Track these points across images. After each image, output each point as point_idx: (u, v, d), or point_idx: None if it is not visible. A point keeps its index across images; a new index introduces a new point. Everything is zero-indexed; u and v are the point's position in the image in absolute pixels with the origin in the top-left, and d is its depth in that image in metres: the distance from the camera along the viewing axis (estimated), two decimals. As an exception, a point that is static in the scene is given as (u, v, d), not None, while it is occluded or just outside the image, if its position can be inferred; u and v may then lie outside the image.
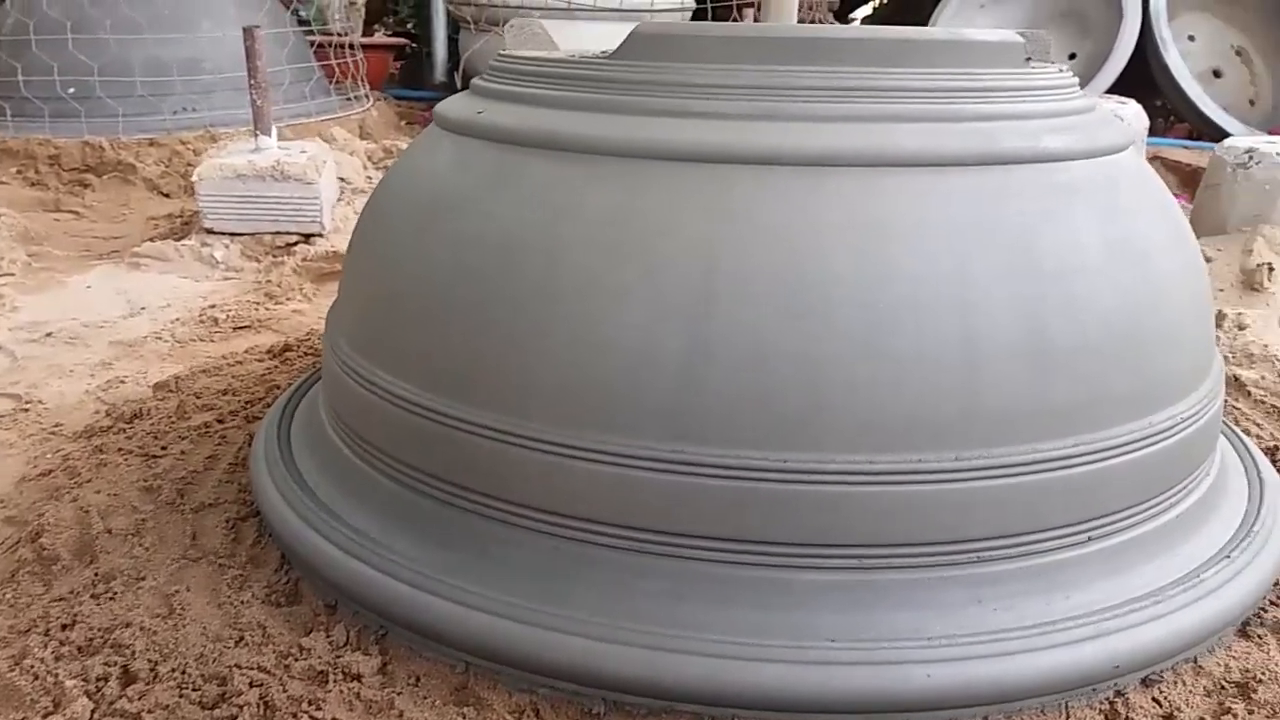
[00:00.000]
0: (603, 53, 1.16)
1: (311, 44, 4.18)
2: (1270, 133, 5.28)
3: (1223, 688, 1.04)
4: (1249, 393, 1.87)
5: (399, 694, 1.00)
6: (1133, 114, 2.99)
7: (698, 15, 4.54)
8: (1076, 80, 1.23)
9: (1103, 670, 0.99)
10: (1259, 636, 1.12)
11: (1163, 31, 5.23)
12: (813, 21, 4.27)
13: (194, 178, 2.58)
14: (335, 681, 1.01)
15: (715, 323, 0.97)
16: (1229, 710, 1.01)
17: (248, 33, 2.55)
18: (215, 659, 1.04)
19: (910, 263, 0.99)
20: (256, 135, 2.67)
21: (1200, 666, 1.07)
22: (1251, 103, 5.60)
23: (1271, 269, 2.16)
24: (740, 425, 0.97)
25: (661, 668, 0.95)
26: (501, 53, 1.29)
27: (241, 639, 1.07)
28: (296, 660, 1.04)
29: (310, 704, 0.98)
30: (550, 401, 1.02)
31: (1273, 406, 1.83)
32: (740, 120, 1.04)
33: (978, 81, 1.09)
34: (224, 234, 2.63)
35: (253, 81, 2.57)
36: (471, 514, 1.08)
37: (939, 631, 0.98)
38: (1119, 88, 5.29)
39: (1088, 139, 1.12)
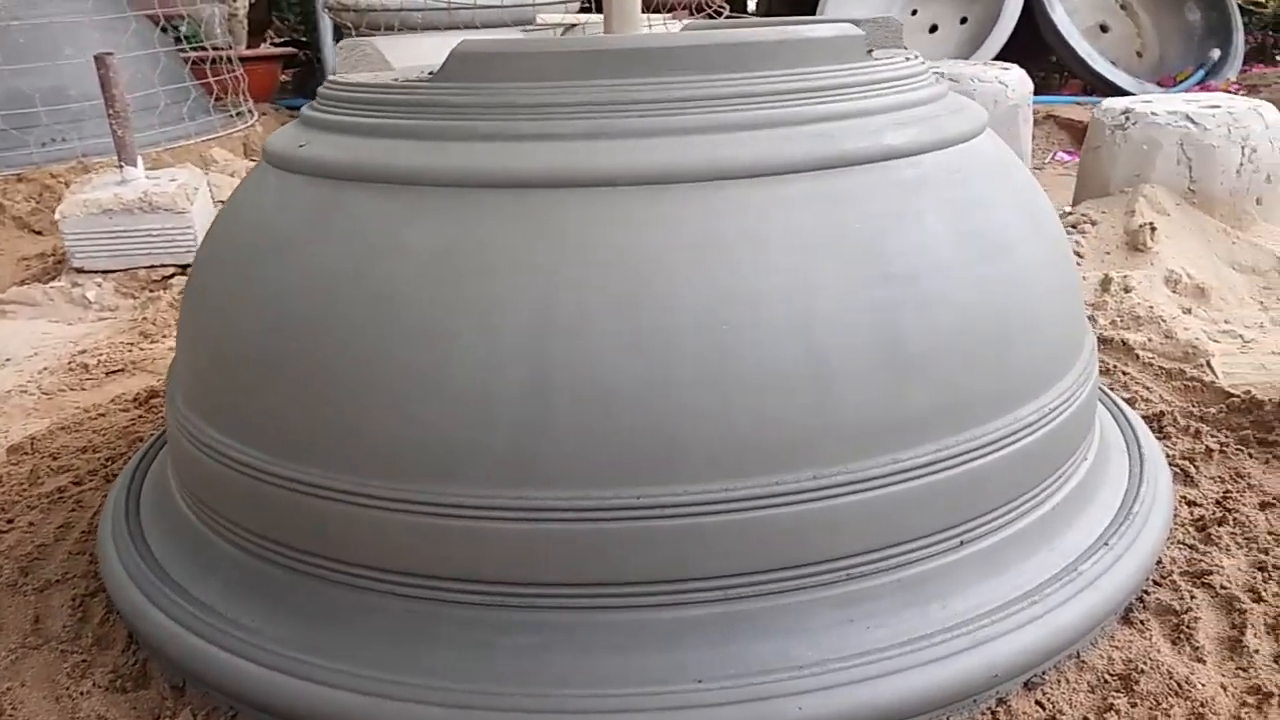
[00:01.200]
0: (429, 73, 1.09)
1: (190, 61, 4.01)
2: (1159, 83, 5.39)
3: (1105, 681, 1.03)
4: (1137, 356, 1.88)
5: (253, 781, 0.94)
6: (1016, 79, 3.00)
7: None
8: (926, 66, 1.20)
9: (982, 681, 0.96)
10: (1141, 622, 1.11)
11: (1048, -11, 5.28)
12: (708, 16, 4.22)
13: (57, 216, 2.45)
14: (182, 775, 0.94)
15: (552, 360, 0.92)
16: (1112, 706, 0.99)
17: (100, 61, 2.42)
18: (52, 763, 0.97)
19: (751, 280, 0.95)
20: (121, 167, 2.54)
21: (1083, 661, 1.05)
22: (1139, 54, 5.70)
23: (1154, 228, 2.18)
24: (587, 464, 0.92)
25: (524, 728, 0.90)
26: (330, 78, 1.21)
27: (82, 734, 1.00)
28: (141, 755, 0.97)
29: (154, 804, 0.91)
30: (386, 456, 0.96)
31: (1161, 369, 1.84)
32: (570, 140, 0.99)
33: (816, 81, 1.05)
34: (95, 272, 2.50)
35: (111, 111, 2.45)
36: (320, 580, 1.01)
37: (811, 658, 0.95)
38: (1012, 49, 5.35)
39: (935, 130, 1.09)
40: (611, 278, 0.94)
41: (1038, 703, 1.00)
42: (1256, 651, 1.07)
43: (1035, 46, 5.41)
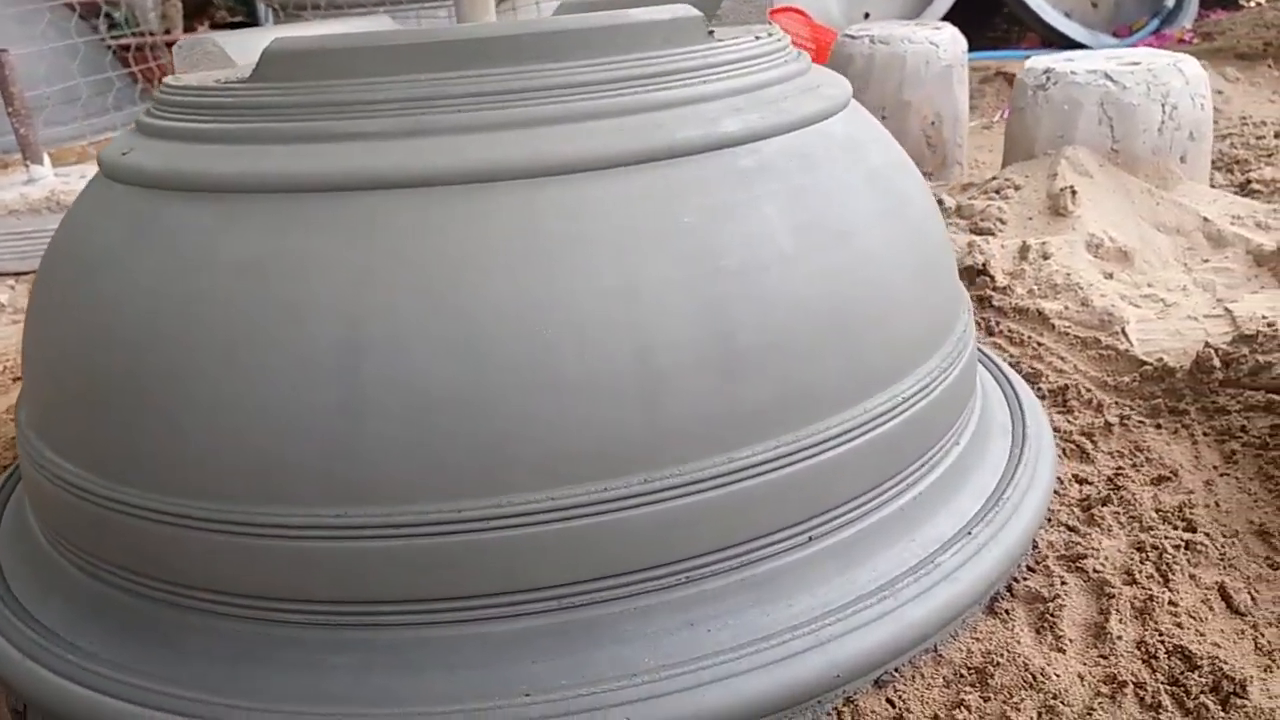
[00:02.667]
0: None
1: (113, 50, 3.92)
2: (1115, 33, 5.34)
3: (961, 675, 1.01)
4: (1053, 326, 1.86)
5: (79, 814, 0.92)
6: (948, 38, 2.96)
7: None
8: (780, 43, 1.16)
9: (824, 682, 0.94)
10: (1006, 611, 1.09)
11: (1000, -60, 5.20)
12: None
13: (-39, 218, 2.40)
14: (6, 810, 0.92)
15: (364, 373, 0.89)
16: (963, 702, 0.97)
17: (-6, 56, 2.36)
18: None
19: (574, 280, 0.91)
20: (27, 165, 2.48)
21: (941, 655, 1.03)
22: (1094, 4, 5.63)
23: (1074, 192, 2.15)
24: (405, 479, 0.90)
25: (352, 751, 0.88)
26: (165, 80, 1.17)
27: (-86, 770, 0.97)
28: (-32, 790, 0.94)
29: (-26, 842, 0.89)
30: (204, 477, 0.93)
31: (1076, 338, 1.82)
32: (385, 139, 0.95)
33: (646, 67, 1.01)
34: (6, 274, 2.45)
35: (10, 109, 2.39)
36: (151, 601, 0.99)
37: (647, 665, 0.92)
38: (968, 3, 5.29)
39: (779, 113, 1.05)
40: (426, 283, 0.90)
41: (888, 700, 0.98)
42: (1119, 638, 1.05)
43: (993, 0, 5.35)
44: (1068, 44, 5.11)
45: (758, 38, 1.14)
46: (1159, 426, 1.54)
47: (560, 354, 0.90)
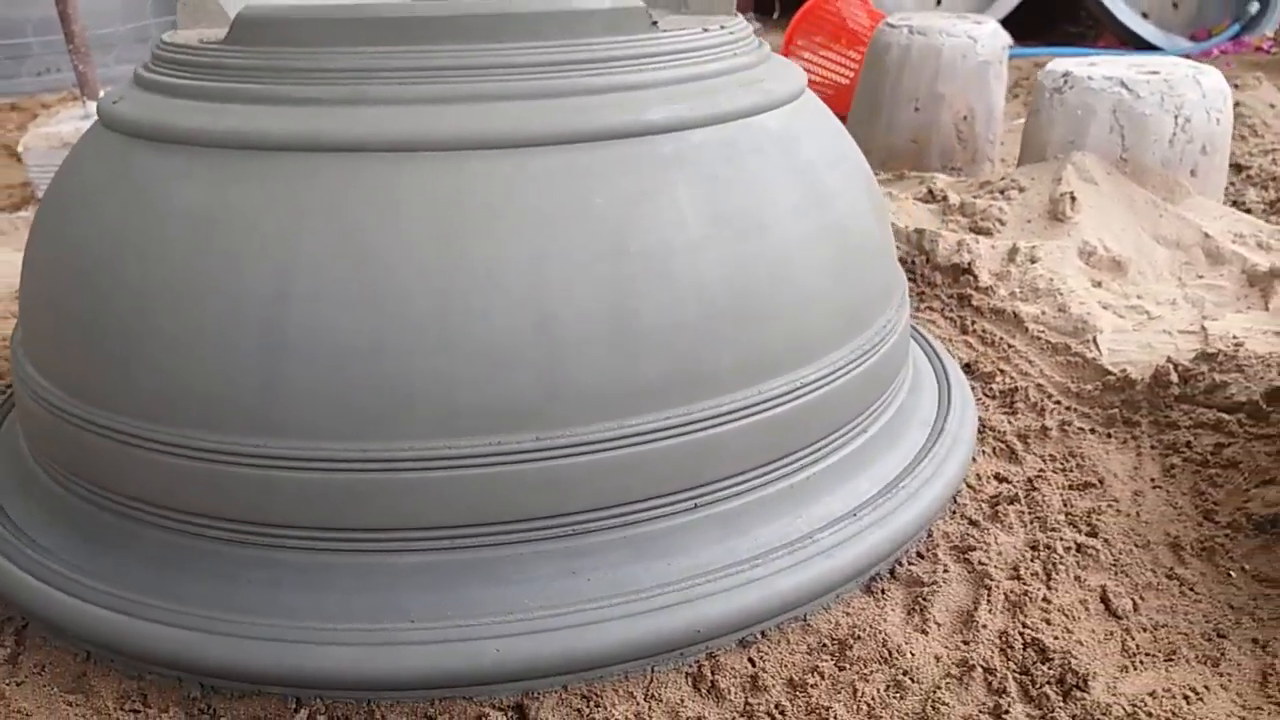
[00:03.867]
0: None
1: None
2: (1192, 36, 5.20)
3: (824, 645, 1.08)
4: (1027, 329, 1.89)
5: (19, 685, 1.04)
6: (987, 33, 2.94)
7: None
8: (731, 36, 1.22)
9: (686, 636, 1.02)
10: (882, 592, 1.16)
11: (1078, -65, 5.09)
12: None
13: (20, 148, 2.56)
14: (-42, 675, 1.05)
15: (288, 320, 0.99)
16: (817, 668, 1.05)
17: (57, -3, 2.51)
18: None
19: (485, 249, 1.00)
20: (84, 101, 2.64)
21: (809, 625, 1.10)
22: (1175, 5, 5.48)
23: (1074, 198, 2.16)
24: (318, 419, 0.99)
25: (250, 655, 0.99)
26: (163, 36, 1.27)
27: (-116, 635, 1.11)
28: (-68, 654, 1.08)
29: (-72, 695, 1.02)
30: (150, 401, 1.04)
31: (1047, 343, 1.85)
32: (329, 106, 1.04)
33: (583, 53, 1.08)
34: (58, 202, 2.61)
35: (71, 46, 2.54)
36: (102, 510, 1.11)
37: (525, 604, 1.02)
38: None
39: (710, 105, 1.12)
40: (348, 242, 0.99)
41: (749, 659, 1.06)
42: (984, 627, 1.11)
43: (1070, -5, 5.24)
44: (1142, 45, 5.00)
45: (706, 29, 1.20)
46: (1110, 435, 1.58)
47: (466, 315, 0.99)
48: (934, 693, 1.02)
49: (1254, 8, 5.21)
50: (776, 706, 1.00)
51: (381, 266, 0.99)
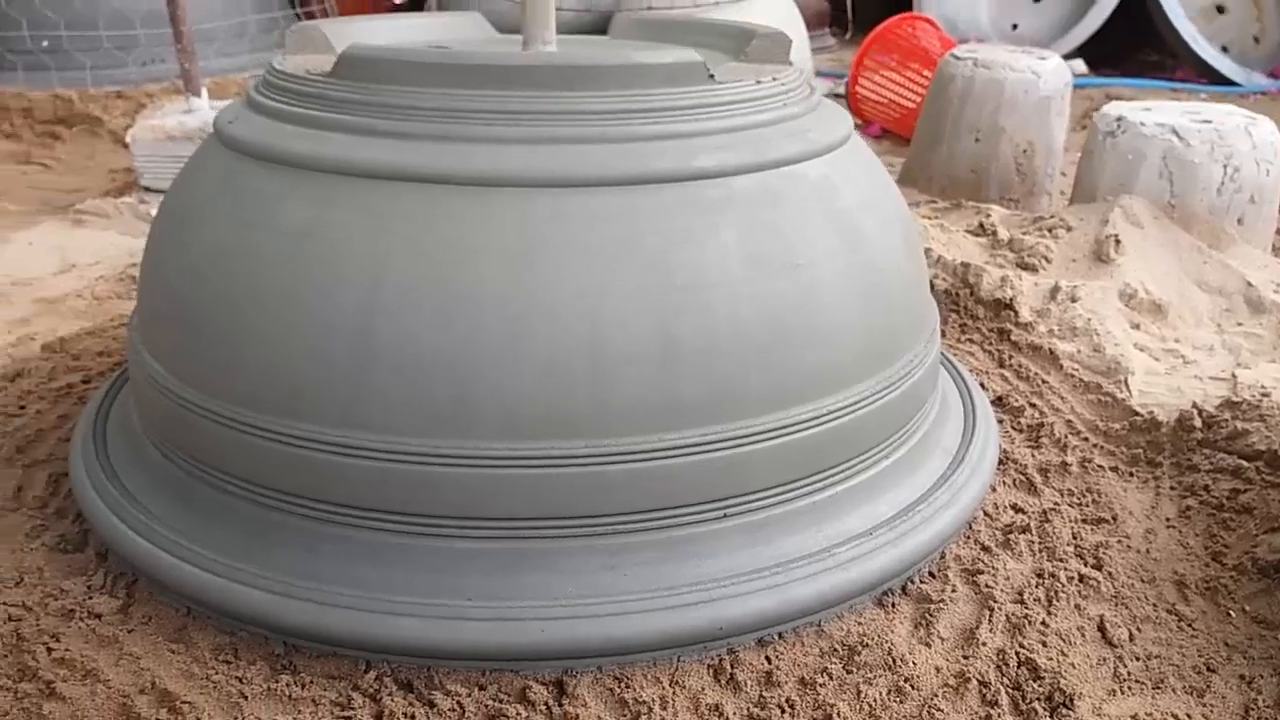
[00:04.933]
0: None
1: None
2: (1272, 73, 5.16)
3: (835, 650, 1.19)
4: (1061, 366, 1.97)
5: (129, 632, 1.20)
6: (1051, 69, 3.01)
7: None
8: (782, 87, 1.33)
9: (709, 630, 1.14)
10: (893, 606, 1.26)
11: (1157, -34, 5.08)
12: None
13: (128, 139, 2.77)
14: (78, 619, 1.21)
15: (376, 330, 1.13)
16: (826, 670, 1.16)
17: (170, -1, 2.70)
18: (-8, 597, 1.25)
19: (548, 277, 1.13)
20: (187, 96, 2.83)
21: (823, 630, 1.22)
22: (1256, 40, 5.44)
23: (1118, 241, 2.22)
24: (399, 417, 1.13)
25: (326, 619, 1.13)
26: (272, 62, 1.42)
27: (20, 580, 1.28)
28: (55, 600, 1.24)
29: (53, 637, 1.18)
30: (250, 391, 1.19)
31: (1080, 380, 1.92)
32: (420, 141, 1.18)
33: (644, 103, 1.21)
34: (160, 191, 2.81)
35: (179, 46, 2.73)
36: (202, 482, 1.26)
37: (569, 591, 1.14)
38: (1127, 26, 5.19)
39: (755, 154, 1.23)
40: (431, 264, 1.13)
41: (765, 657, 1.17)
42: (984, 644, 1.21)
43: (1147, 24, 5.22)
44: (1216, 78, 4.97)
45: (759, 81, 1.31)
46: (1131, 474, 1.66)
47: (528, 335, 1.12)
48: (931, 700, 1.13)
49: (1337, 47, 5.15)
50: (787, 700, 1.11)
51: (457, 287, 1.13)
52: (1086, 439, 1.74)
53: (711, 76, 1.27)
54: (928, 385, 1.44)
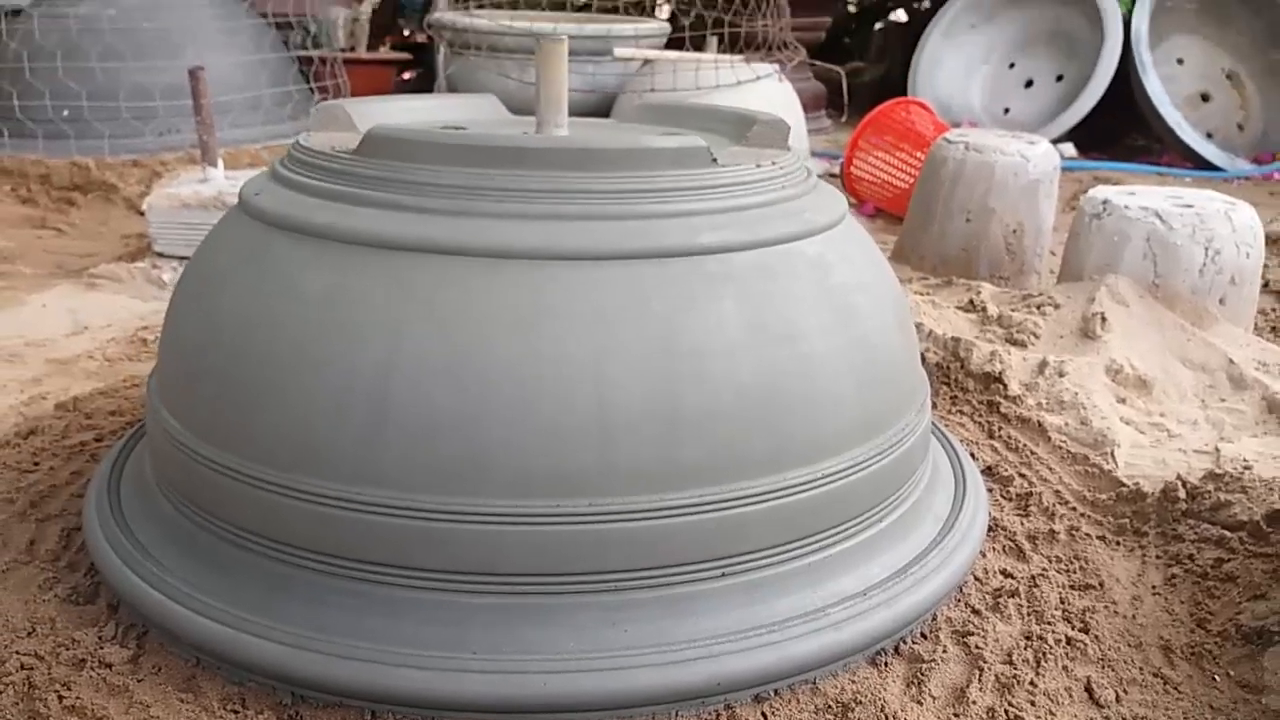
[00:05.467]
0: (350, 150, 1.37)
1: (305, 63, 4.45)
2: (1256, 160, 5.32)
3: (829, 706, 1.23)
4: (1049, 438, 2.02)
5: (139, 681, 1.23)
6: (1040, 154, 3.12)
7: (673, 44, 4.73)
8: (781, 171, 1.41)
9: (707, 686, 1.18)
10: (885, 665, 1.30)
11: (1143, 55, 5.28)
12: (779, 61, 4.41)
13: (144, 206, 2.86)
14: (90, 668, 1.24)
15: (392, 393, 1.18)
16: (820, 725, 1.19)
17: (192, 74, 2.82)
18: (5, 646, 1.28)
19: (556, 343, 1.19)
20: (204, 167, 2.93)
21: (818, 688, 1.25)
22: (1240, 127, 5.62)
23: (1104, 318, 2.30)
24: (412, 475, 1.18)
25: (334, 670, 1.17)
26: (298, 139, 1.50)
27: (33, 631, 1.31)
28: (66, 650, 1.27)
29: (64, 685, 1.21)
30: (268, 449, 1.24)
31: (1068, 452, 1.98)
32: (435, 215, 1.25)
33: (650, 183, 1.28)
34: (173, 257, 2.89)
35: (199, 119, 2.83)
36: (214, 536, 1.30)
37: (570, 647, 1.18)
38: (1114, 111, 5.37)
39: (753, 232, 1.30)
40: (445, 329, 1.19)
41: (762, 713, 1.21)
42: (974, 703, 1.24)
43: (1135, 110, 5.40)
44: (1201, 164, 5.13)
45: (759, 164, 1.39)
46: (1118, 543, 1.70)
47: (538, 398, 1.17)
48: (922, 757, 1.16)
49: (1317, 134, 5.32)
50: (781, 756, 1.14)
51: (470, 351, 1.19)
52: (1074, 508, 1.79)
53: (714, 160, 1.35)
54: (919, 453, 1.50)
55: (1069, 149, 5.39)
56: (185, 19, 3.92)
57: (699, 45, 4.44)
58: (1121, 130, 5.74)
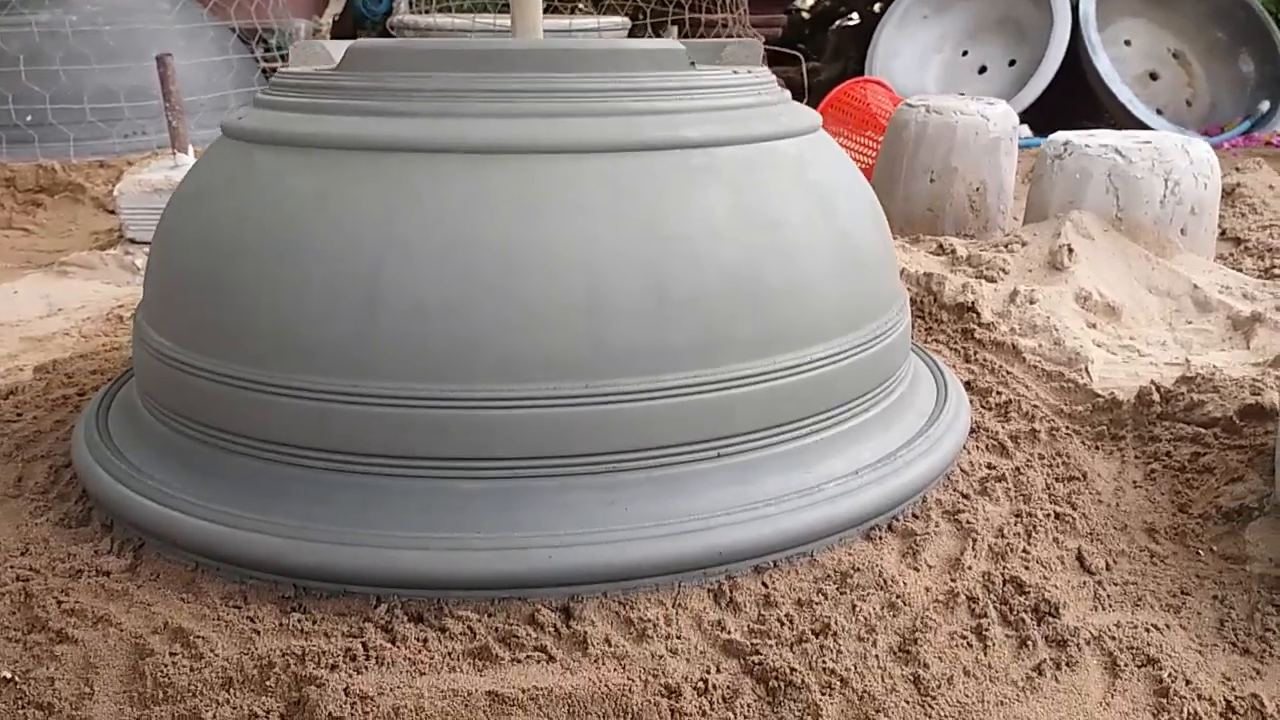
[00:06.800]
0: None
1: (270, 69, 4.46)
2: (1205, 132, 5.45)
3: (828, 576, 1.25)
4: (1024, 359, 2.06)
5: (139, 586, 1.23)
6: (999, 113, 3.18)
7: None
8: (757, 79, 1.45)
9: (707, 556, 1.20)
10: (879, 539, 1.32)
11: (1092, 36, 5.41)
12: (730, 36, 4.49)
13: (115, 192, 2.85)
14: (87, 576, 1.23)
15: (384, 283, 1.20)
16: (821, 590, 1.21)
17: (160, 61, 2.82)
18: None
19: (546, 231, 1.21)
20: (174, 153, 2.92)
21: (815, 560, 1.27)
22: (1189, 103, 5.76)
23: (1071, 250, 2.35)
24: (405, 364, 1.20)
25: (337, 557, 1.17)
26: (279, 69, 1.52)
27: (26, 550, 1.30)
28: (63, 563, 1.26)
29: (62, 592, 1.20)
30: (262, 350, 1.25)
31: (1043, 370, 2.02)
32: (422, 118, 1.27)
33: (632, 83, 1.31)
34: (145, 243, 2.88)
35: (168, 104, 2.84)
36: (210, 446, 1.31)
37: (571, 526, 1.19)
38: (1064, 92, 5.49)
39: (735, 129, 1.34)
40: (432, 220, 1.21)
41: (762, 583, 1.22)
42: (969, 568, 1.27)
43: (1086, 91, 5.53)
44: (1154, 138, 5.24)
45: (735, 72, 1.43)
46: (1097, 447, 1.74)
47: (529, 283, 1.19)
48: (924, 613, 1.18)
49: (1264, 106, 5.47)
50: (786, 616, 1.16)
51: (459, 242, 1.20)
52: (1051, 421, 1.83)
53: (693, 64, 1.38)
54: (901, 350, 1.53)
55: (1024, 130, 5.50)
56: (148, 23, 3.93)
57: (659, 34, 4.51)
58: (1074, 110, 5.87)
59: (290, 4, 4.98)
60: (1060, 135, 2.60)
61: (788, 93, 1.58)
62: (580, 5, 4.92)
